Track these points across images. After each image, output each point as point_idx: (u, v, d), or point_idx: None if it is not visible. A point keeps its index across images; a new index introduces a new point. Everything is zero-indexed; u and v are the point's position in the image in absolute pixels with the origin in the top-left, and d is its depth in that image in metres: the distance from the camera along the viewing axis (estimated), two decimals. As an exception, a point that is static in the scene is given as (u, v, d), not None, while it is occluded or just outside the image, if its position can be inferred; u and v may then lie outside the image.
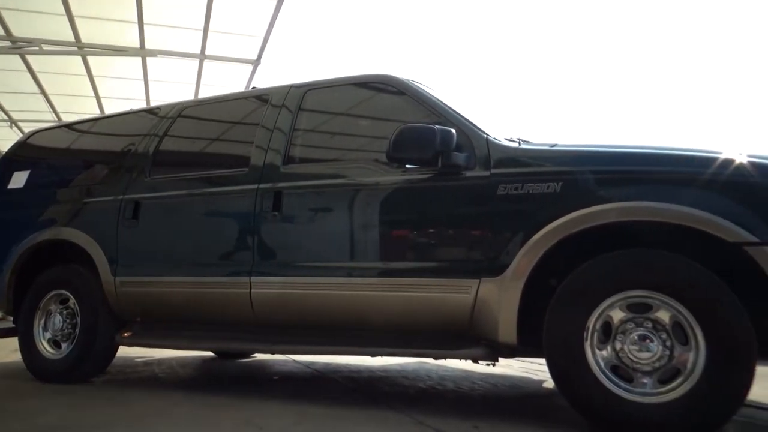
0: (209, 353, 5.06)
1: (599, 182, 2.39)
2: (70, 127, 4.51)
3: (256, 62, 10.56)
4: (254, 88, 3.84)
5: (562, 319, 2.33)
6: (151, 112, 4.06)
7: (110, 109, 11.57)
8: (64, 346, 3.63)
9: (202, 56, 10.25)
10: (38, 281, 3.78)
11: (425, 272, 2.65)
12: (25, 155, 4.36)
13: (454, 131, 2.61)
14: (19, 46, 9.45)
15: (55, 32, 9.19)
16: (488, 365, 3.07)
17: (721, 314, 2.10)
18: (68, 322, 3.66)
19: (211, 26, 9.25)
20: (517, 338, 2.40)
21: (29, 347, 3.69)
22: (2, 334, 4.06)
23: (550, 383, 3.35)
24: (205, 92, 11.38)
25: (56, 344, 3.67)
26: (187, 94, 11.43)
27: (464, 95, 3.24)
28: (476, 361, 2.81)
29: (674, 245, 2.25)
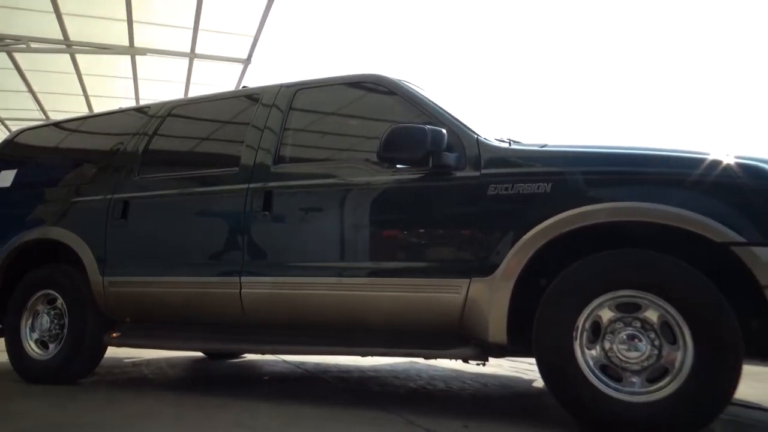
0: (199, 354, 5.04)
1: (589, 183, 2.41)
2: (58, 125, 4.46)
3: (246, 61, 10.53)
4: (245, 87, 3.83)
5: (551, 318, 2.34)
6: (140, 111, 4.04)
7: (99, 107, 11.47)
8: (51, 346, 3.60)
9: (192, 55, 10.21)
10: (25, 281, 3.74)
11: (416, 272, 2.65)
12: (12, 154, 4.32)
13: (444, 131, 2.62)
14: (6, 43, 9.36)
15: (42, 30, 9.11)
16: (478, 365, 3.08)
17: (708, 314, 2.12)
18: (56, 322, 3.62)
19: (201, 25, 9.21)
20: (507, 338, 2.41)
21: (16, 348, 3.65)
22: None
23: (539, 383, 3.37)
24: (195, 91, 11.33)
25: (44, 345, 3.63)
26: (176, 93, 11.37)
27: (455, 95, 3.24)
28: (466, 360, 2.82)
29: (664, 246, 2.27)
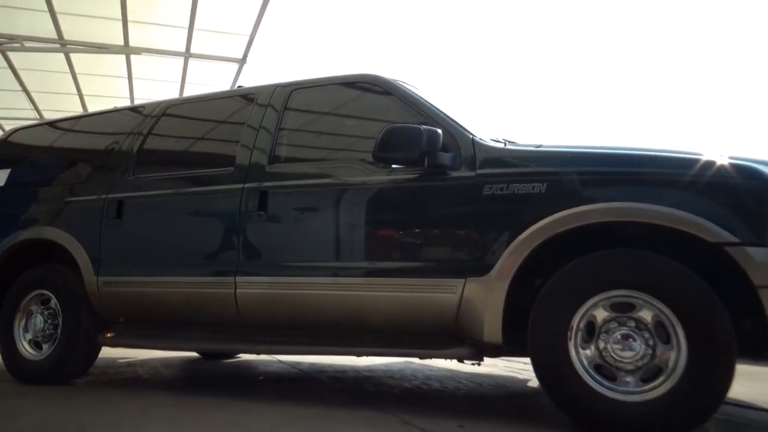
0: (193, 354, 5.02)
1: (584, 183, 2.41)
2: (52, 125, 4.44)
3: (241, 61, 10.51)
4: (240, 87, 3.82)
5: (546, 318, 2.35)
6: (135, 110, 4.02)
7: (93, 107, 11.42)
8: (45, 347, 3.58)
9: (187, 54, 10.18)
10: (19, 281, 3.72)
11: (411, 272, 2.65)
12: (6, 153, 4.29)
13: (440, 131, 2.62)
14: (0, 42, 9.31)
15: (37, 29, 9.08)
16: (474, 365, 3.09)
17: (701, 314, 2.13)
18: (50, 322, 3.60)
19: (196, 24, 9.19)
20: (502, 338, 2.42)
21: (9, 348, 3.63)
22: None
23: (534, 382, 3.38)
24: (190, 91, 11.30)
25: (37, 345, 3.61)
26: (172, 92, 11.33)
27: (451, 95, 3.25)
28: (462, 360, 2.83)
29: (659, 246, 2.28)
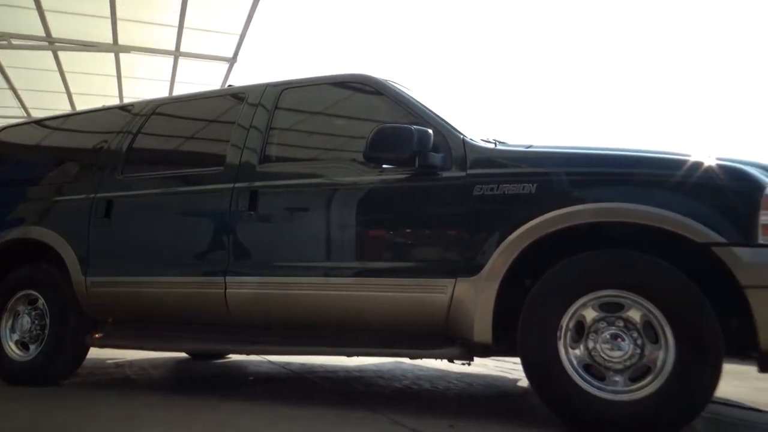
0: (183, 354, 4.99)
1: (573, 183, 2.43)
2: (40, 123, 4.41)
3: (232, 60, 10.47)
4: (230, 86, 3.81)
5: (536, 318, 2.36)
6: (124, 109, 4.00)
7: (82, 105, 11.33)
8: (32, 347, 3.54)
9: (177, 53, 10.13)
10: (6, 281, 3.68)
11: (401, 272, 2.65)
12: (-8, 152, 4.25)
13: (431, 131, 2.63)
14: (-13, 40, 9.23)
15: (24, 26, 8.99)
16: (464, 364, 3.10)
17: (689, 314, 2.14)
18: (37, 323, 3.57)
19: (186, 23, 9.14)
20: (492, 338, 2.42)
21: (-4, 349, 3.59)
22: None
23: (524, 382, 3.39)
24: (180, 90, 11.24)
25: (24, 346, 3.58)
26: (161, 91, 11.27)
27: (442, 96, 3.25)
28: (452, 360, 2.83)
29: (648, 246, 2.30)
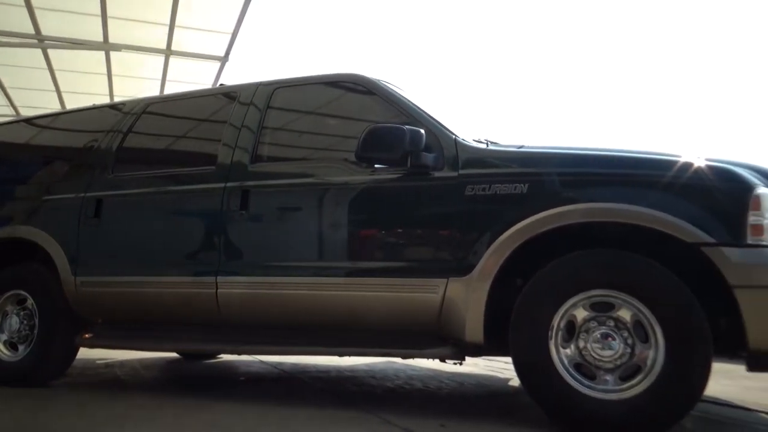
0: (173, 354, 4.97)
1: (565, 184, 2.44)
2: (29, 122, 4.38)
3: (224, 59, 10.42)
4: (222, 85, 3.80)
5: (527, 318, 2.37)
6: (114, 107, 3.97)
7: (72, 104, 11.25)
8: (21, 348, 3.51)
9: (168, 52, 10.06)
10: (-6, 281, 3.65)
11: (393, 272, 2.66)
12: (-19, 150, 4.21)
13: (423, 131, 2.63)
14: (-26, 37, 9.13)
15: (13, 23, 8.90)
16: (455, 364, 3.10)
17: (679, 313, 2.16)
18: (26, 323, 3.54)
19: (177, 21, 9.09)
20: (483, 337, 2.43)
21: (-17, 349, 3.56)
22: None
23: (515, 381, 3.40)
24: (171, 89, 11.18)
25: (12, 346, 3.54)
26: (152, 90, 11.20)
27: (434, 96, 3.26)
28: (444, 360, 2.84)
29: (639, 246, 2.31)
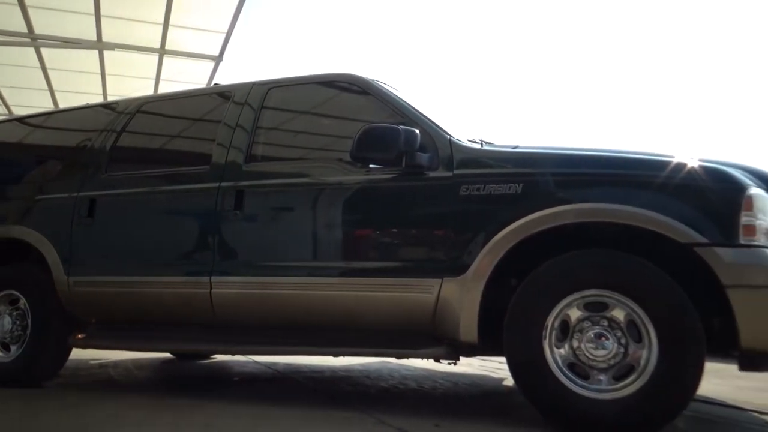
0: (167, 355, 4.96)
1: (558, 184, 2.45)
2: (21, 121, 4.36)
3: (218, 58, 10.40)
4: (216, 84, 3.79)
5: (521, 318, 2.37)
6: (108, 107, 3.96)
7: (65, 103, 11.19)
8: (13, 348, 3.49)
9: (162, 51, 10.02)
10: (-15, 281, 3.63)
11: (388, 272, 2.66)
12: (-27, 150, 4.18)
13: (418, 132, 2.63)
14: (-33, 36, 9.08)
15: (6, 22, 8.85)
16: (450, 364, 3.10)
17: (672, 313, 2.17)
18: (18, 323, 3.52)
19: (171, 20, 9.05)
20: (478, 337, 2.43)
21: (-25, 350, 3.54)
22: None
23: (509, 381, 3.41)
24: (165, 88, 11.14)
25: (5, 347, 3.52)
26: (146, 89, 11.15)
27: (429, 96, 3.26)
28: (438, 360, 2.84)
29: (633, 246, 2.32)
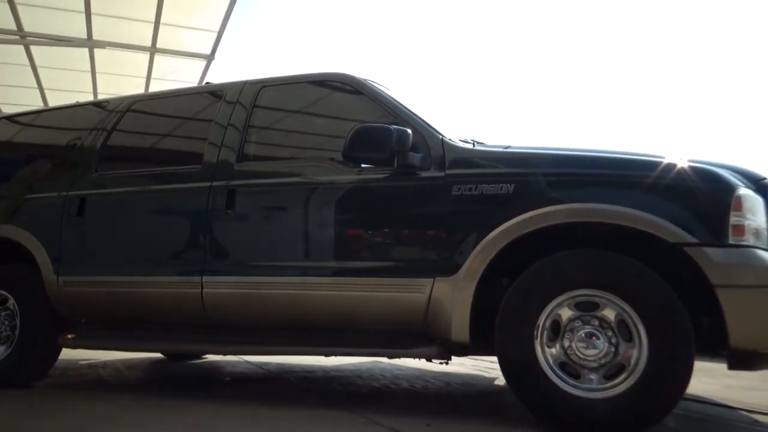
0: (158, 355, 4.93)
1: (550, 184, 2.46)
2: (10, 119, 4.32)
3: (210, 57, 10.36)
4: (208, 83, 3.77)
5: (513, 318, 2.38)
6: (98, 105, 3.93)
7: (55, 101, 11.10)
8: (2, 348, 3.46)
9: (153, 49, 9.98)
10: (-26, 281, 3.59)
11: (380, 272, 2.66)
12: (-39, 148, 4.14)
13: (410, 131, 2.63)
14: (-46, 33, 8.98)
15: (-6, 19, 8.78)
16: (441, 364, 3.11)
17: (662, 313, 2.19)
18: (7, 323, 3.49)
19: (163, 19, 9.01)
20: (469, 337, 2.44)
21: (-36, 350, 3.50)
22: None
23: (501, 381, 3.42)
24: (156, 87, 11.07)
25: (-6, 347, 3.50)
26: (137, 88, 11.09)
27: (421, 96, 3.26)
28: (430, 359, 2.84)
29: (624, 246, 2.33)
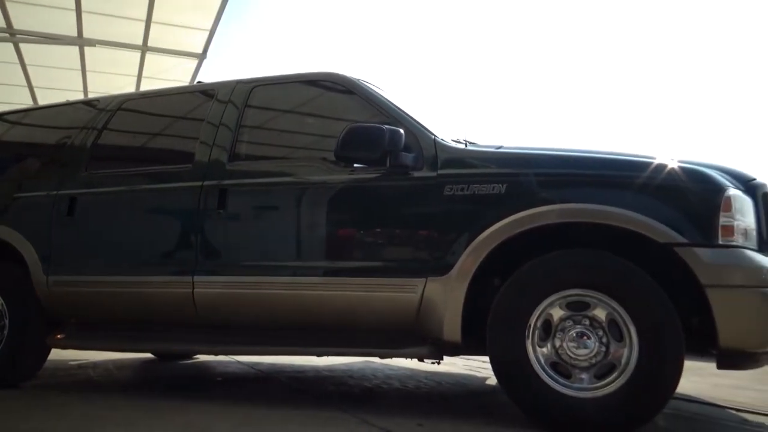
0: (148, 355, 4.91)
1: (541, 184, 2.47)
2: (0, 117, 4.27)
3: (201, 56, 10.33)
4: (200, 82, 3.76)
5: (504, 317, 2.39)
6: (89, 104, 3.90)
7: (44, 99, 11.02)
8: (-10, 349, 3.43)
9: (144, 48, 9.93)
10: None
11: (372, 271, 2.66)
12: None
13: (402, 131, 2.64)
14: (-57, 30, 8.89)
15: (-17, 17, 8.71)
16: (433, 363, 3.11)
17: (652, 312, 2.20)
18: (-5, 323, 3.46)
19: (154, 17, 8.97)
20: (461, 336, 2.45)
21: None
22: None
23: (493, 380, 3.43)
24: (147, 86, 11.02)
25: (-19, 347, 3.46)
26: (127, 86, 11.03)
27: (414, 95, 3.26)
28: (422, 359, 2.85)
29: (615, 246, 2.34)
